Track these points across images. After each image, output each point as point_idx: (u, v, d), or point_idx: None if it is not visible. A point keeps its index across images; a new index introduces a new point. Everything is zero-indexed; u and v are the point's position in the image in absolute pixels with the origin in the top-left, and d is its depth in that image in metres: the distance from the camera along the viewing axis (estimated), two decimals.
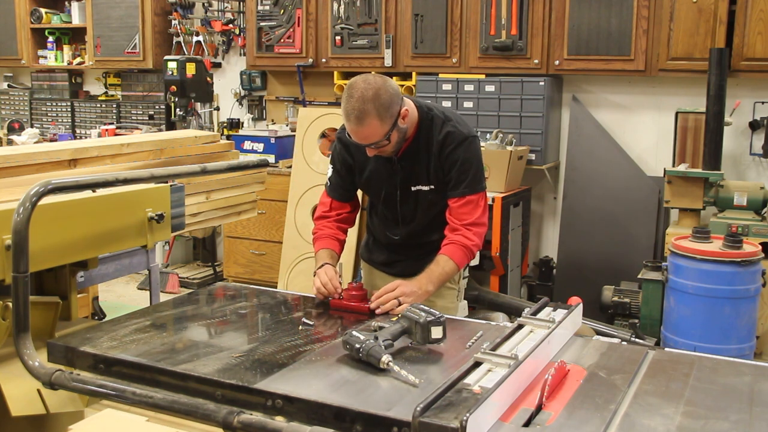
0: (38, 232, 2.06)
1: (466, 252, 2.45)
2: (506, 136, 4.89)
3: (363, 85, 2.28)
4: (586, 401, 1.66)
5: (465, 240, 2.45)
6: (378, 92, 2.27)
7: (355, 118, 2.28)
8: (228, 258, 5.85)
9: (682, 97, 4.80)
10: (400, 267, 2.67)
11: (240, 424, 1.63)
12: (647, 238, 4.85)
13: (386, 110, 2.28)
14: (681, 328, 3.81)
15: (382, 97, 2.27)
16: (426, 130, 2.47)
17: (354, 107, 2.27)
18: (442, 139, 2.44)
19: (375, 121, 2.28)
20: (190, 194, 2.95)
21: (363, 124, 2.28)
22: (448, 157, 2.45)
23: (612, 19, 4.70)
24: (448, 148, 2.44)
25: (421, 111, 2.49)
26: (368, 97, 2.26)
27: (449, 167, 2.46)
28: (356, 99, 2.27)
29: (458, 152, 2.44)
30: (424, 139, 2.47)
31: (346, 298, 2.36)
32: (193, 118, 5.91)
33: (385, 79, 2.35)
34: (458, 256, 2.44)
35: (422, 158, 2.48)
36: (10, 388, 2.16)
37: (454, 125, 2.47)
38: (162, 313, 2.38)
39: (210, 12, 6.31)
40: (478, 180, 2.48)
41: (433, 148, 2.46)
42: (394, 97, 2.31)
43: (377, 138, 2.32)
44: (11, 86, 7.39)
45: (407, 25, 5.27)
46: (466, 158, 2.45)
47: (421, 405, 1.46)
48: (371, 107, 2.26)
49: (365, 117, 2.27)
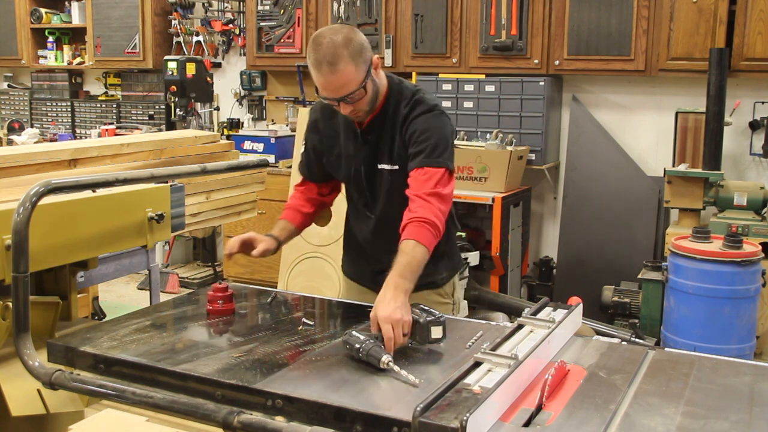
0: (38, 232, 2.06)
1: (431, 229, 2.09)
2: (506, 136, 4.89)
3: (330, 32, 2.11)
4: (586, 401, 1.66)
5: (426, 212, 2.09)
6: (348, 36, 2.09)
7: (328, 64, 2.07)
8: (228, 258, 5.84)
9: (682, 97, 4.80)
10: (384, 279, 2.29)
11: (240, 424, 1.63)
12: (647, 238, 4.85)
13: (359, 54, 2.10)
14: (681, 328, 3.81)
15: (353, 41, 2.09)
16: (395, 102, 2.28)
17: (325, 53, 2.07)
18: (408, 110, 2.25)
19: (349, 66, 2.08)
20: (190, 194, 2.95)
21: (336, 70, 2.08)
22: (409, 128, 2.23)
23: (612, 19, 4.70)
24: (411, 116, 2.23)
25: (392, 81, 2.31)
26: (338, 41, 2.07)
27: (410, 138, 2.23)
28: (326, 45, 2.07)
29: (419, 121, 2.22)
30: (392, 110, 2.28)
31: (210, 299, 2.27)
32: (193, 118, 5.91)
33: (351, 27, 2.18)
34: (424, 236, 2.07)
35: (387, 133, 2.28)
36: (10, 388, 2.16)
37: (423, 97, 2.28)
38: (162, 313, 2.38)
39: (210, 12, 6.31)
40: (440, 153, 2.20)
41: (399, 120, 2.26)
42: (364, 42, 2.13)
43: (354, 86, 2.11)
44: (11, 86, 7.39)
45: (407, 25, 5.27)
46: (427, 128, 2.21)
47: (421, 405, 1.46)
48: (343, 51, 2.07)
49: (338, 62, 2.07)
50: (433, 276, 2.38)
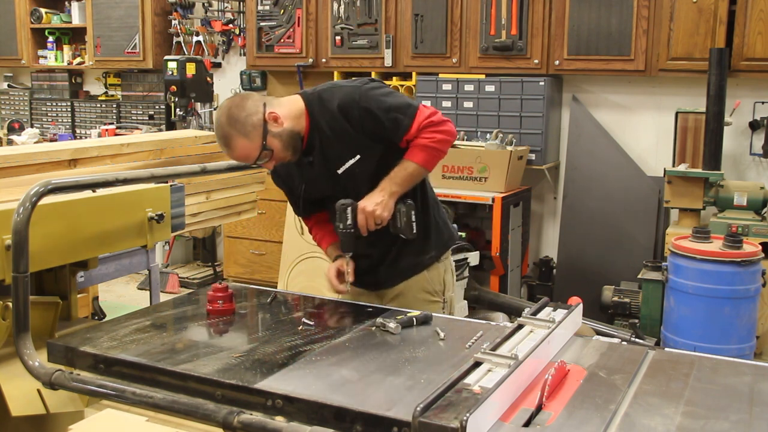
0: (38, 232, 2.07)
1: (426, 150, 2.30)
2: (506, 136, 4.89)
3: (218, 113, 2.25)
4: (586, 401, 1.66)
5: (422, 141, 2.29)
6: (230, 112, 2.22)
7: (224, 145, 2.25)
8: (228, 258, 5.85)
9: (682, 97, 4.80)
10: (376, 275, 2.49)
11: (240, 424, 1.63)
12: (647, 238, 4.85)
13: (244, 125, 2.21)
14: (681, 328, 3.81)
15: (236, 115, 2.21)
16: (320, 111, 2.32)
17: (218, 136, 2.26)
18: (338, 107, 2.29)
19: (240, 140, 2.22)
20: (190, 194, 2.96)
21: (231, 147, 2.24)
22: (359, 118, 2.29)
23: (612, 19, 4.70)
24: (352, 109, 2.29)
25: (307, 96, 2.36)
26: (222, 121, 2.22)
27: (369, 124, 2.29)
28: (216, 128, 2.25)
29: (362, 104, 2.28)
30: (322, 119, 2.32)
31: (210, 299, 2.28)
32: (193, 118, 5.91)
33: (243, 95, 2.28)
34: (417, 155, 2.30)
35: (332, 138, 2.33)
36: (10, 388, 2.16)
37: (340, 87, 2.36)
38: (162, 313, 2.38)
39: (210, 12, 6.31)
40: (404, 104, 2.30)
41: (336, 122, 2.30)
42: (250, 108, 2.23)
43: (254, 153, 2.24)
44: (11, 86, 7.39)
45: (407, 25, 5.27)
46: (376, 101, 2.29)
47: (421, 405, 1.46)
48: (229, 129, 2.21)
49: (230, 140, 2.23)
50: (420, 255, 2.50)
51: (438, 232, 2.53)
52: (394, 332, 2.09)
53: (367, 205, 2.27)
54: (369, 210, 2.26)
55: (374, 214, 2.26)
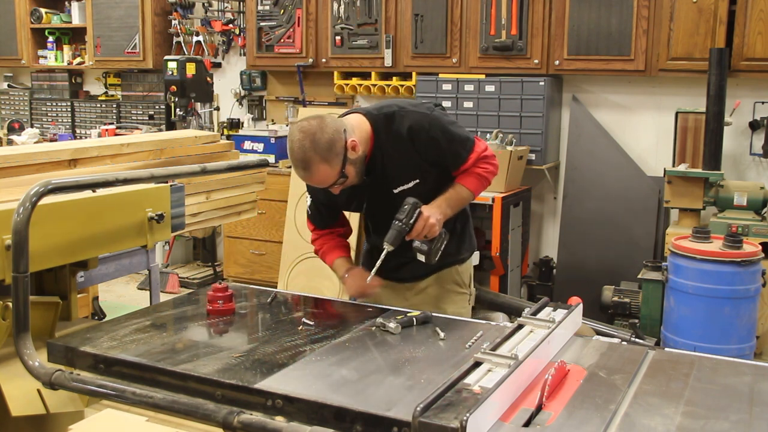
0: (38, 232, 2.07)
1: (479, 178, 2.46)
2: (506, 136, 4.89)
3: (299, 135, 2.21)
4: (586, 401, 1.66)
5: (476, 169, 2.44)
6: (314, 137, 2.19)
7: (302, 169, 2.24)
8: (228, 258, 5.85)
9: (682, 97, 4.80)
10: (409, 270, 2.57)
11: (240, 424, 1.63)
12: (647, 238, 4.85)
13: (329, 151, 2.20)
14: (681, 328, 3.81)
15: (320, 141, 2.19)
16: (386, 133, 2.37)
17: (297, 159, 2.23)
18: (407, 131, 2.35)
19: (322, 166, 2.21)
20: (190, 194, 2.95)
21: (311, 172, 2.23)
22: (425, 145, 2.37)
23: (612, 19, 4.70)
24: (420, 136, 2.35)
25: (373, 117, 2.39)
26: (306, 146, 2.19)
27: (433, 152, 2.38)
28: (296, 150, 2.21)
29: (432, 133, 2.36)
30: (387, 141, 2.37)
31: (210, 299, 2.29)
32: (193, 118, 5.91)
33: (322, 118, 2.26)
34: (471, 182, 2.45)
35: (395, 159, 2.39)
36: (10, 388, 2.16)
37: (410, 111, 2.38)
38: (162, 313, 2.38)
39: (210, 12, 6.31)
40: (464, 137, 2.43)
41: (402, 144, 2.36)
42: (334, 134, 2.22)
43: (332, 180, 2.26)
44: (11, 86, 7.39)
45: (407, 25, 5.27)
46: (443, 131, 2.37)
47: (421, 405, 1.46)
48: (312, 155, 2.19)
49: (311, 165, 2.21)
50: (456, 255, 2.63)
51: (470, 239, 2.69)
52: (394, 332, 2.10)
53: (431, 215, 2.31)
54: (431, 221, 2.30)
55: (433, 226, 2.31)
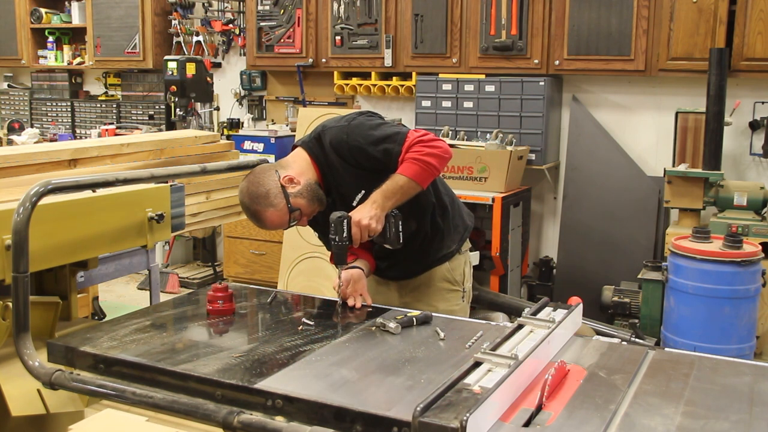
0: (38, 232, 2.06)
1: (414, 162, 2.32)
2: (506, 136, 4.89)
3: (241, 195, 2.36)
4: (586, 401, 1.66)
5: (411, 154, 2.33)
6: (250, 191, 2.33)
7: (256, 221, 2.36)
8: (228, 258, 5.85)
9: (682, 97, 4.80)
10: (399, 269, 2.61)
11: (240, 424, 1.63)
12: (647, 238, 4.85)
13: (267, 197, 2.31)
14: (681, 328, 3.81)
15: (255, 192, 2.32)
16: (322, 155, 2.41)
17: (248, 215, 2.38)
18: (331, 148, 2.38)
19: (269, 212, 2.32)
20: (190, 194, 2.95)
21: (263, 220, 2.34)
22: (352, 155, 2.37)
23: (612, 19, 4.70)
24: (342, 148, 2.37)
25: (306, 145, 2.44)
26: (247, 202, 2.34)
27: (362, 159, 2.37)
28: (245, 209, 2.37)
29: (352, 143, 2.36)
30: (326, 161, 2.41)
31: (210, 299, 2.30)
32: (193, 118, 5.91)
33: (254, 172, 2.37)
34: (406, 168, 2.32)
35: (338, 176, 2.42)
36: (10, 388, 2.16)
37: (330, 128, 2.41)
38: (162, 313, 2.38)
39: (210, 12, 6.31)
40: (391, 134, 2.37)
41: (336, 160, 2.39)
42: (266, 182, 2.32)
43: (285, 218, 2.33)
44: (11, 86, 7.39)
45: (407, 25, 5.27)
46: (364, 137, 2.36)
47: (421, 405, 1.46)
48: (256, 207, 2.32)
49: (260, 215, 2.33)
50: (439, 252, 2.61)
51: (455, 229, 2.64)
52: (394, 332, 2.10)
53: (361, 219, 2.29)
54: (364, 224, 2.28)
55: (369, 227, 2.29)
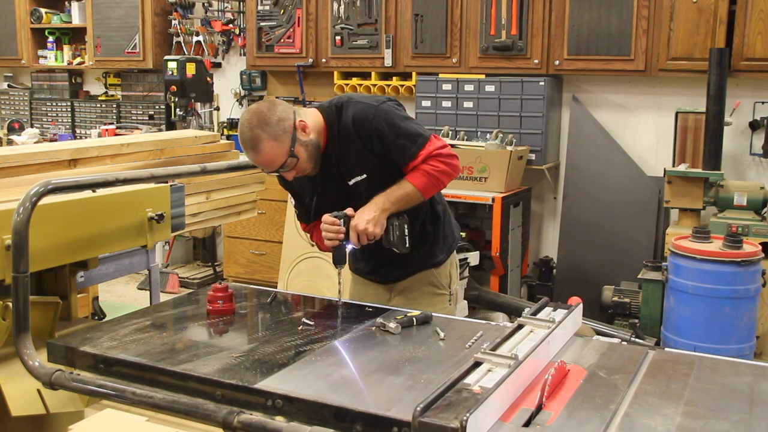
0: (38, 232, 2.07)
1: (427, 176, 2.31)
2: (506, 136, 4.89)
3: (247, 115, 2.23)
4: (586, 401, 1.66)
5: (424, 166, 2.31)
6: (262, 115, 2.20)
7: (251, 147, 2.22)
8: (228, 258, 5.85)
9: (682, 97, 4.80)
10: (385, 272, 2.57)
11: (240, 424, 1.63)
12: (647, 238, 4.85)
13: (276, 128, 2.20)
14: (681, 328, 3.81)
15: (268, 119, 2.20)
16: (337, 124, 2.34)
17: (245, 138, 2.22)
18: (351, 122, 2.30)
19: (269, 143, 2.20)
20: (190, 194, 2.96)
21: (258, 149, 2.21)
22: (369, 136, 2.30)
23: (612, 19, 4.70)
24: (363, 126, 2.30)
25: (324, 109, 2.37)
26: (254, 123, 2.20)
27: (378, 144, 2.31)
28: (245, 129, 2.22)
29: (375, 125, 2.29)
30: (339, 132, 2.34)
31: (210, 299, 2.29)
32: (193, 118, 5.91)
33: (272, 101, 2.27)
34: (418, 179, 2.31)
35: (344, 154, 2.35)
36: (10, 388, 2.16)
37: (356, 102, 2.34)
38: (162, 313, 2.38)
39: (210, 12, 6.31)
40: (415, 133, 2.32)
41: (350, 135, 2.32)
42: (282, 113, 2.22)
43: (281, 159, 2.23)
44: (11, 86, 7.39)
45: (407, 25, 5.27)
46: (389, 124, 2.30)
47: (421, 405, 1.46)
48: (260, 132, 2.19)
49: (259, 143, 2.20)
50: (428, 260, 2.57)
51: (444, 240, 2.59)
52: (394, 332, 2.09)
53: (359, 223, 2.26)
54: (361, 228, 2.25)
55: (366, 231, 2.25)
